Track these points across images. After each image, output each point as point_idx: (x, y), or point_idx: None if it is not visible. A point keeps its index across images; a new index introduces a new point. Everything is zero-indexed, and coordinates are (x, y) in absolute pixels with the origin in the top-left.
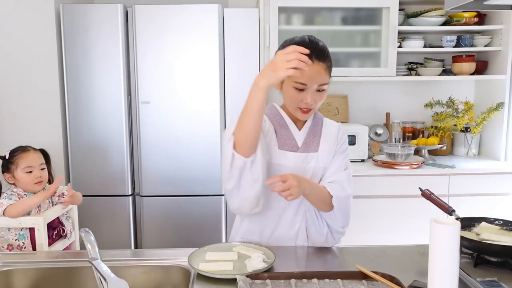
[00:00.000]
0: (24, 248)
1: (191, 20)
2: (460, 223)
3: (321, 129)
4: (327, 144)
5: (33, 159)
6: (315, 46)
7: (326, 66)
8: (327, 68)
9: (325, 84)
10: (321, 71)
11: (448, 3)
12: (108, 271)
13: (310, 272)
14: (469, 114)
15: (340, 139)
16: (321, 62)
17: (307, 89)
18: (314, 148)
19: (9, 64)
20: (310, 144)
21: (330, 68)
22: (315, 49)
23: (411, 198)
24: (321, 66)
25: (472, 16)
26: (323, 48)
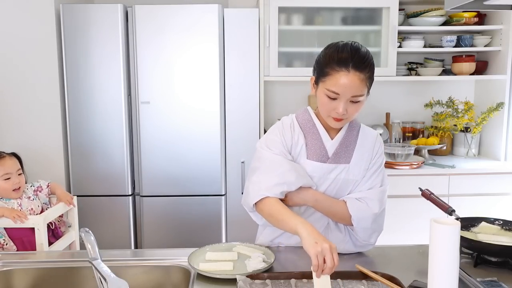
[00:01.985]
0: (6, 245)
1: (191, 20)
2: (460, 223)
3: (356, 138)
4: (360, 156)
5: (10, 165)
6: (354, 54)
7: (364, 76)
8: (365, 79)
9: (360, 95)
10: (356, 82)
11: (448, 3)
12: (108, 271)
13: (310, 272)
14: (469, 114)
15: (377, 152)
16: (357, 72)
17: (339, 98)
18: (346, 160)
19: (9, 64)
20: (342, 154)
21: (369, 79)
22: (354, 57)
23: (411, 198)
24: (357, 77)
25: (472, 16)
26: (364, 57)
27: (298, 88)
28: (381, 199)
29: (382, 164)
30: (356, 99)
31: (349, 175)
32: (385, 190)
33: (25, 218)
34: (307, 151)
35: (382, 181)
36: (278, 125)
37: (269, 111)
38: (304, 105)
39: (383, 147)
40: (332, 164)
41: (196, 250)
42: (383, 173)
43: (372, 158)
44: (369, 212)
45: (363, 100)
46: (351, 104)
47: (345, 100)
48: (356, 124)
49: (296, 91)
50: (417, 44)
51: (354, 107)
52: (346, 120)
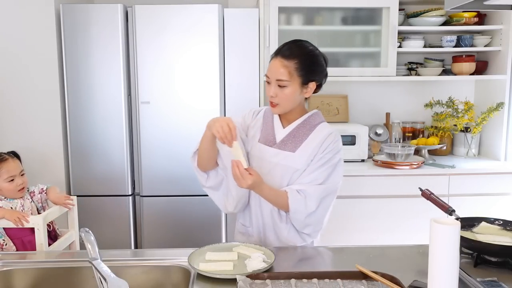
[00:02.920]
0: (5, 245)
1: (191, 20)
2: (460, 223)
3: (309, 132)
4: (307, 148)
5: (14, 167)
6: (286, 45)
7: (289, 64)
8: (289, 67)
9: (283, 80)
10: (278, 67)
11: (448, 3)
12: (108, 271)
13: (310, 272)
14: (469, 114)
15: (325, 149)
16: (283, 59)
17: (271, 82)
18: (292, 148)
19: (9, 64)
20: (289, 143)
21: (297, 70)
22: (283, 47)
23: (411, 198)
24: (282, 63)
25: (472, 16)
26: (289, 48)
27: None
28: (321, 196)
29: (332, 163)
30: (282, 84)
31: (290, 162)
32: (328, 188)
33: (26, 221)
34: (260, 134)
35: (327, 179)
36: (247, 110)
37: None
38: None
39: (336, 146)
40: (277, 149)
41: (196, 250)
42: (331, 172)
43: (318, 153)
44: (304, 207)
45: (293, 90)
46: (280, 89)
47: (274, 84)
48: (315, 122)
49: None
50: (417, 44)
51: (283, 93)
52: (279, 106)
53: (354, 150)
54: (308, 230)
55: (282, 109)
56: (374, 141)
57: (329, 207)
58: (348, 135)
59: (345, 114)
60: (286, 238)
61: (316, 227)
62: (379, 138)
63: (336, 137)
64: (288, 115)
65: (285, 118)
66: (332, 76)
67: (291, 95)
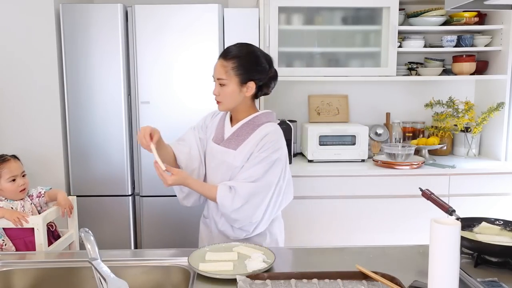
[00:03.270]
0: (5, 246)
1: (191, 20)
2: (460, 223)
3: (251, 132)
4: (246, 146)
5: (15, 168)
6: (226, 48)
7: (227, 64)
8: (227, 67)
9: (222, 79)
10: (218, 67)
11: (448, 3)
12: (108, 271)
13: (310, 272)
14: (469, 114)
15: (261, 147)
16: (222, 60)
17: (215, 82)
18: (234, 146)
19: (9, 64)
20: (233, 141)
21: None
22: (224, 49)
23: (411, 198)
24: (221, 63)
25: (472, 16)
26: (229, 49)
27: (298, 88)
28: (251, 194)
29: (268, 161)
30: (222, 82)
31: (231, 159)
32: (261, 186)
33: (25, 221)
34: (214, 133)
35: (262, 176)
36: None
37: None
38: (304, 104)
39: (274, 145)
40: (222, 147)
41: (196, 250)
42: (267, 170)
43: (255, 151)
44: (231, 203)
45: (232, 88)
46: (221, 87)
47: (217, 83)
48: (260, 121)
49: (296, 91)
50: (417, 44)
51: (223, 91)
52: (222, 104)
53: (354, 150)
54: (237, 224)
55: (225, 106)
56: (374, 141)
57: (260, 204)
58: (348, 135)
59: (345, 114)
60: (220, 230)
61: (244, 222)
62: (379, 138)
63: (275, 136)
64: (237, 115)
65: (234, 118)
66: (332, 76)
67: (231, 94)
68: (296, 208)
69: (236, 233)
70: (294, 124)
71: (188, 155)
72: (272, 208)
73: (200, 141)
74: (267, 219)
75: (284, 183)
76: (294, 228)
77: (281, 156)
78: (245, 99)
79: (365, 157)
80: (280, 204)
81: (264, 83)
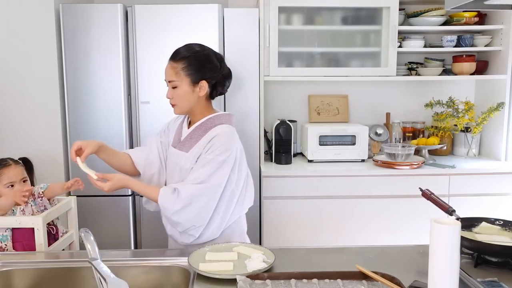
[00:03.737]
0: (6, 250)
1: (191, 20)
2: (460, 223)
3: (203, 134)
4: (196, 148)
5: (14, 174)
6: (176, 49)
7: (177, 66)
8: (177, 68)
9: (172, 81)
10: (168, 69)
11: (448, 3)
12: (108, 271)
13: (310, 272)
14: (469, 114)
15: (209, 149)
16: (171, 61)
17: (168, 86)
18: (186, 149)
19: (9, 64)
20: (186, 144)
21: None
22: (174, 51)
23: (411, 198)
24: (170, 65)
25: (472, 16)
26: (179, 52)
27: (298, 88)
28: (194, 195)
29: (215, 163)
30: (173, 84)
31: (183, 162)
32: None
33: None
34: (173, 137)
35: (208, 178)
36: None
37: (269, 111)
38: (304, 104)
39: (220, 147)
40: (177, 150)
41: (196, 250)
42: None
43: (203, 153)
44: (171, 205)
45: (184, 90)
46: (173, 90)
47: (169, 86)
48: (213, 123)
49: (296, 91)
50: (417, 44)
51: (176, 93)
52: (177, 107)
53: (354, 150)
54: (179, 228)
55: (180, 109)
56: (374, 141)
57: (204, 207)
58: (348, 135)
59: (345, 114)
60: (169, 234)
61: (187, 226)
62: (379, 138)
63: (223, 138)
64: (193, 117)
65: (191, 120)
66: (332, 76)
67: (184, 95)
68: (296, 208)
69: (183, 238)
70: (294, 124)
71: (146, 159)
72: (224, 213)
73: (161, 145)
74: (217, 226)
75: (238, 188)
76: (294, 228)
77: (229, 158)
78: (200, 100)
79: (365, 157)
80: (234, 210)
81: (217, 81)
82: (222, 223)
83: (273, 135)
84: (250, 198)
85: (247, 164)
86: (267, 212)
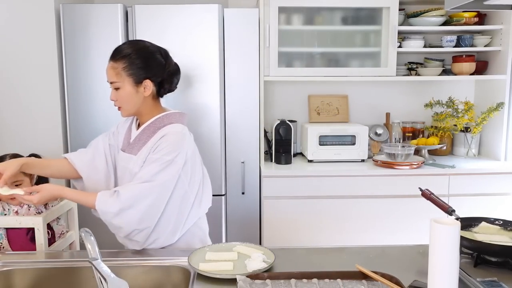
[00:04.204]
0: (2, 248)
1: (191, 20)
2: (460, 223)
3: (152, 135)
4: (145, 150)
5: None
6: (115, 48)
7: (118, 66)
8: (118, 68)
9: (114, 82)
10: (108, 70)
11: (448, 3)
12: (108, 271)
13: (310, 272)
14: (469, 114)
15: (155, 148)
16: (112, 62)
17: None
18: (135, 151)
19: (9, 64)
20: (135, 146)
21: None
22: (113, 51)
23: (411, 198)
24: (110, 65)
25: (472, 16)
26: (119, 50)
27: (298, 88)
28: (136, 196)
29: (162, 162)
30: (115, 86)
31: (132, 165)
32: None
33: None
34: (123, 140)
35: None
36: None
37: (269, 111)
38: (304, 104)
39: (167, 146)
40: (126, 153)
41: (196, 250)
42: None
43: (150, 153)
44: (109, 208)
45: (127, 90)
46: (116, 92)
47: (112, 88)
48: (161, 124)
49: (296, 91)
50: (417, 44)
51: (119, 95)
52: (123, 109)
53: (354, 150)
54: (122, 233)
55: (126, 111)
56: (374, 141)
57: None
58: (348, 135)
59: (345, 114)
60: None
61: (128, 229)
62: (379, 138)
63: (172, 138)
64: (141, 118)
65: (140, 121)
66: (332, 76)
67: (128, 96)
68: (296, 208)
69: (133, 243)
70: (294, 124)
71: (90, 163)
72: (178, 217)
73: (110, 148)
74: (172, 230)
75: (193, 190)
76: (294, 228)
77: (177, 159)
78: (146, 100)
79: (365, 157)
80: (191, 213)
81: (163, 79)
82: (178, 227)
83: (273, 135)
84: (208, 199)
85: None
86: (267, 212)
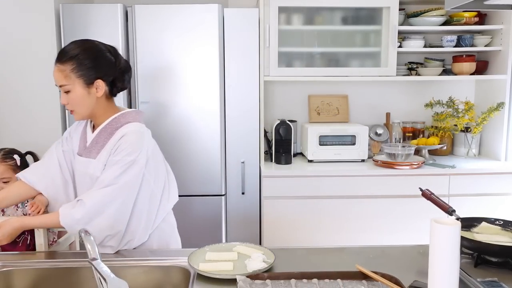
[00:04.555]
0: None
1: (191, 20)
2: (460, 223)
3: (110, 136)
4: (105, 152)
5: None
6: (60, 50)
7: (65, 68)
8: (66, 71)
9: (63, 85)
10: (56, 73)
11: (448, 3)
12: (108, 271)
13: (310, 272)
14: (469, 114)
15: (116, 150)
16: (58, 64)
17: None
18: (94, 155)
19: (9, 64)
20: (93, 149)
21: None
22: (58, 53)
23: (411, 198)
24: (57, 68)
25: (472, 16)
26: (65, 52)
27: (298, 88)
28: (101, 202)
29: (123, 163)
30: (65, 89)
31: (92, 170)
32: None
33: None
34: (78, 144)
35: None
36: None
37: (269, 111)
38: (304, 104)
39: (128, 147)
40: (84, 157)
41: (196, 250)
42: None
43: (111, 155)
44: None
45: (78, 93)
46: (67, 95)
47: (62, 91)
48: (118, 124)
49: (296, 91)
50: (417, 44)
51: (70, 98)
52: (76, 113)
53: (354, 150)
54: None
55: (79, 114)
56: (374, 141)
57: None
58: (348, 135)
59: (345, 114)
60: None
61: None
62: (379, 138)
63: (132, 137)
64: (95, 120)
65: (95, 123)
66: (332, 76)
67: (79, 99)
68: (296, 208)
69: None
70: (294, 124)
71: (44, 175)
72: (148, 215)
73: (64, 155)
74: (144, 229)
75: (159, 187)
76: (294, 228)
77: (139, 158)
78: (100, 101)
79: (365, 157)
80: (159, 210)
81: (115, 77)
82: (149, 225)
83: (273, 135)
84: (175, 194)
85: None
86: (267, 212)
